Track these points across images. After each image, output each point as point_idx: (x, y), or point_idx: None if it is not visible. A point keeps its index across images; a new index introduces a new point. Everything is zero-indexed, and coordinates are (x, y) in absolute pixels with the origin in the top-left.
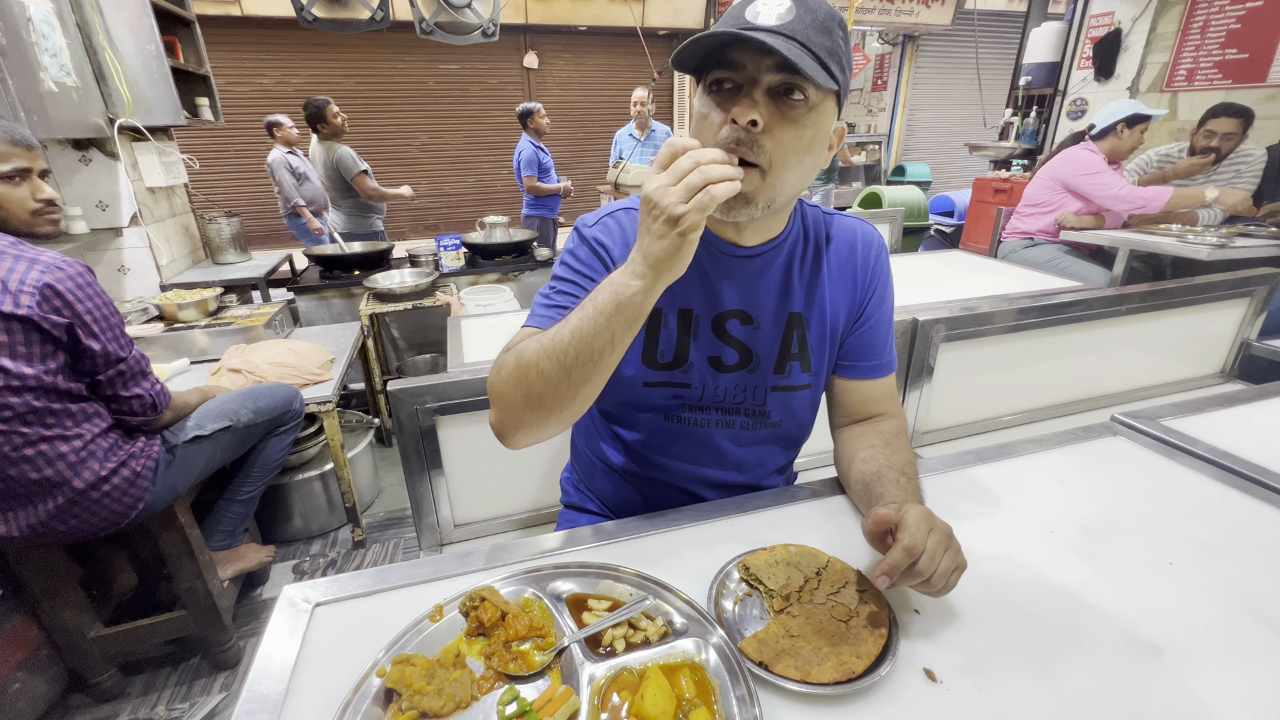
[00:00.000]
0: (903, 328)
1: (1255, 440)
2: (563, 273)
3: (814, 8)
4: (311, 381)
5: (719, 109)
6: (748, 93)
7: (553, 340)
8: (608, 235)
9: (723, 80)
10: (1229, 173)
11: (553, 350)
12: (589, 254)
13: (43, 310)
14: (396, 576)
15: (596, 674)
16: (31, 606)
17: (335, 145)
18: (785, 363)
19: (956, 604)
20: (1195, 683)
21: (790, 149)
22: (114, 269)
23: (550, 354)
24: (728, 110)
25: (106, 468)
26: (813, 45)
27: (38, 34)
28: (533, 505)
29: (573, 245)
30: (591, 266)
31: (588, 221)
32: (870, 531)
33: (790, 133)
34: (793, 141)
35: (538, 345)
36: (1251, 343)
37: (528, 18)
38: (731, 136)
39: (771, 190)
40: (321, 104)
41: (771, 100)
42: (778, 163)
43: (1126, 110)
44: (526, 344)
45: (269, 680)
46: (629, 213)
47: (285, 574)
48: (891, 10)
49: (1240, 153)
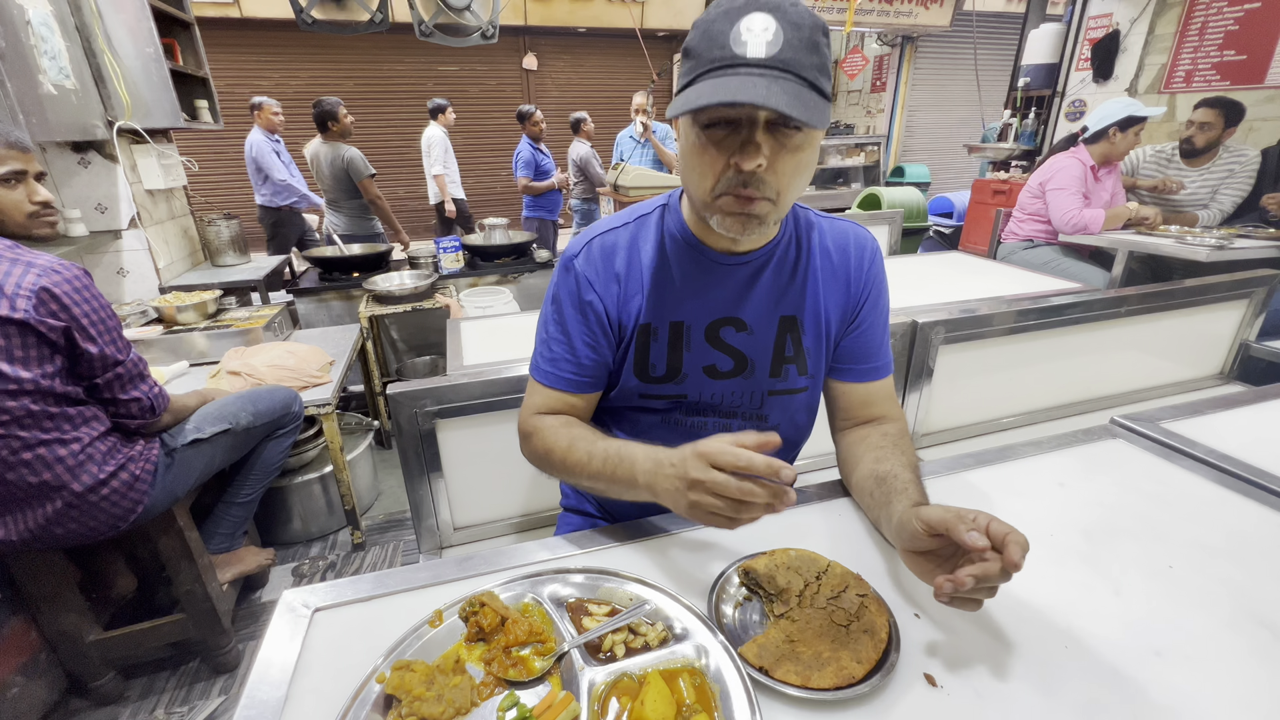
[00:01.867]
0: (902, 330)
1: (1255, 443)
2: (554, 315)
3: (799, 22)
4: (311, 384)
5: (716, 148)
6: (749, 135)
7: (569, 465)
8: (590, 267)
9: (718, 120)
10: (1222, 172)
11: (567, 471)
12: (575, 292)
13: (39, 314)
14: (396, 581)
15: (596, 679)
16: (30, 610)
17: (343, 146)
18: (781, 366)
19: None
20: (1195, 686)
21: (794, 175)
22: (113, 271)
23: (565, 472)
24: (726, 150)
25: (105, 471)
26: (805, 73)
27: (37, 37)
28: (532, 508)
29: (560, 280)
30: (580, 309)
31: (573, 251)
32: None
33: (791, 161)
34: (795, 168)
35: (561, 460)
36: (1251, 344)
37: (527, 19)
38: (736, 180)
39: (780, 211)
40: (333, 104)
41: (770, 134)
42: (784, 190)
43: (1120, 113)
44: (549, 442)
45: (268, 686)
46: (615, 232)
47: (285, 577)
48: (890, 12)
49: (1235, 152)
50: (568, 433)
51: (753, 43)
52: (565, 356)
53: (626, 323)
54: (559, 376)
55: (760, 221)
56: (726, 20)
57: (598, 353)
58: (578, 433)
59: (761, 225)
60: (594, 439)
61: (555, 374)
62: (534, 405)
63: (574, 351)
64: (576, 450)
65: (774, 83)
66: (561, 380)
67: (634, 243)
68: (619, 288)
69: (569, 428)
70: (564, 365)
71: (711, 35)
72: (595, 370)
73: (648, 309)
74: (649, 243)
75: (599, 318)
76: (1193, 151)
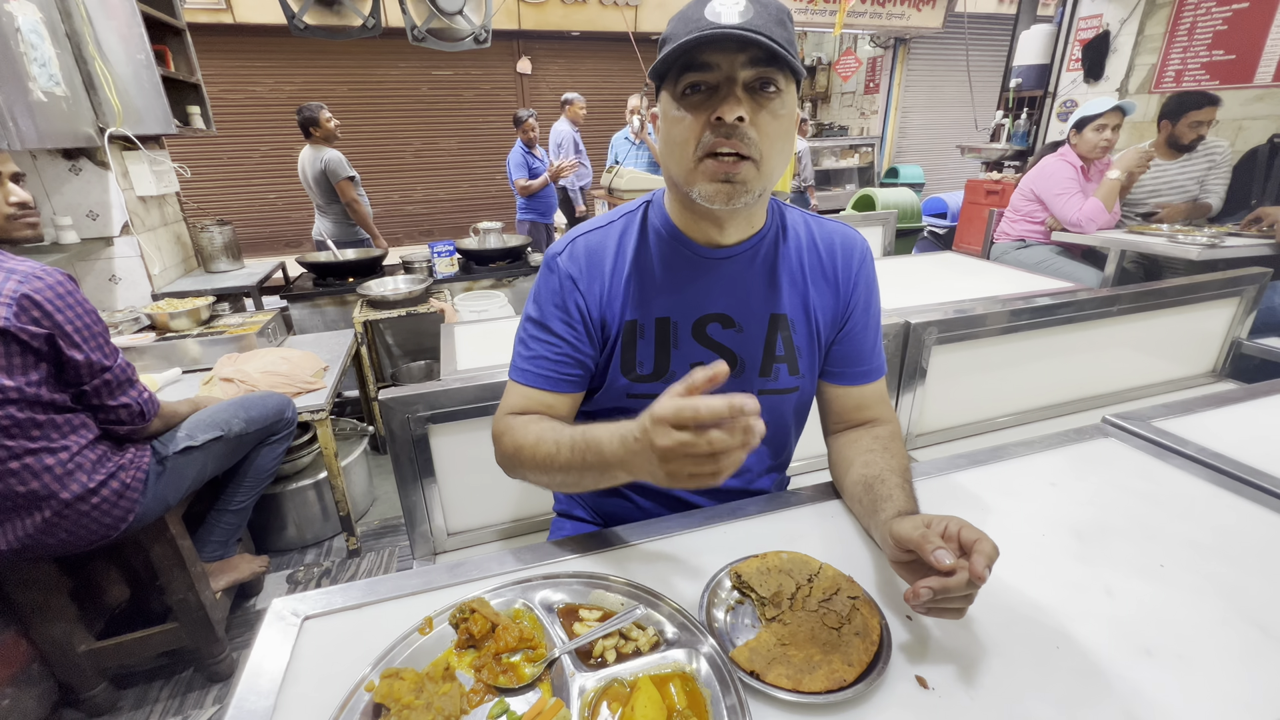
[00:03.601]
0: (895, 330)
1: (1246, 440)
2: (535, 314)
3: (766, 3)
4: (304, 390)
5: (696, 112)
6: (728, 91)
7: (539, 460)
8: (574, 265)
9: (697, 84)
10: (1205, 163)
11: (537, 468)
12: (557, 290)
13: (20, 321)
14: (386, 588)
15: (587, 685)
16: (21, 620)
17: (325, 149)
18: (771, 365)
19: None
20: (1187, 686)
21: (775, 137)
22: (105, 278)
23: (536, 469)
24: (706, 112)
25: (95, 480)
26: (777, 39)
27: (26, 44)
28: (525, 513)
29: (543, 279)
30: (562, 307)
31: (556, 250)
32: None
33: (771, 123)
34: (775, 130)
35: (530, 456)
36: (1242, 342)
37: (520, 24)
38: (719, 134)
39: (764, 178)
40: (314, 109)
41: (749, 96)
42: (766, 152)
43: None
44: (518, 439)
45: (256, 695)
46: (599, 231)
47: (279, 584)
48: (883, 14)
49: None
50: (536, 428)
51: (725, 13)
52: (543, 354)
53: (611, 321)
54: (535, 374)
55: (745, 189)
56: (699, 5)
57: (578, 351)
58: (545, 426)
59: (746, 193)
60: (560, 429)
61: (532, 371)
62: (508, 406)
63: (552, 348)
64: (545, 443)
65: (749, 34)
66: (538, 378)
67: (618, 240)
68: (603, 286)
69: (537, 423)
70: (541, 363)
71: (684, 17)
72: (574, 368)
73: (632, 306)
74: (633, 239)
75: (582, 316)
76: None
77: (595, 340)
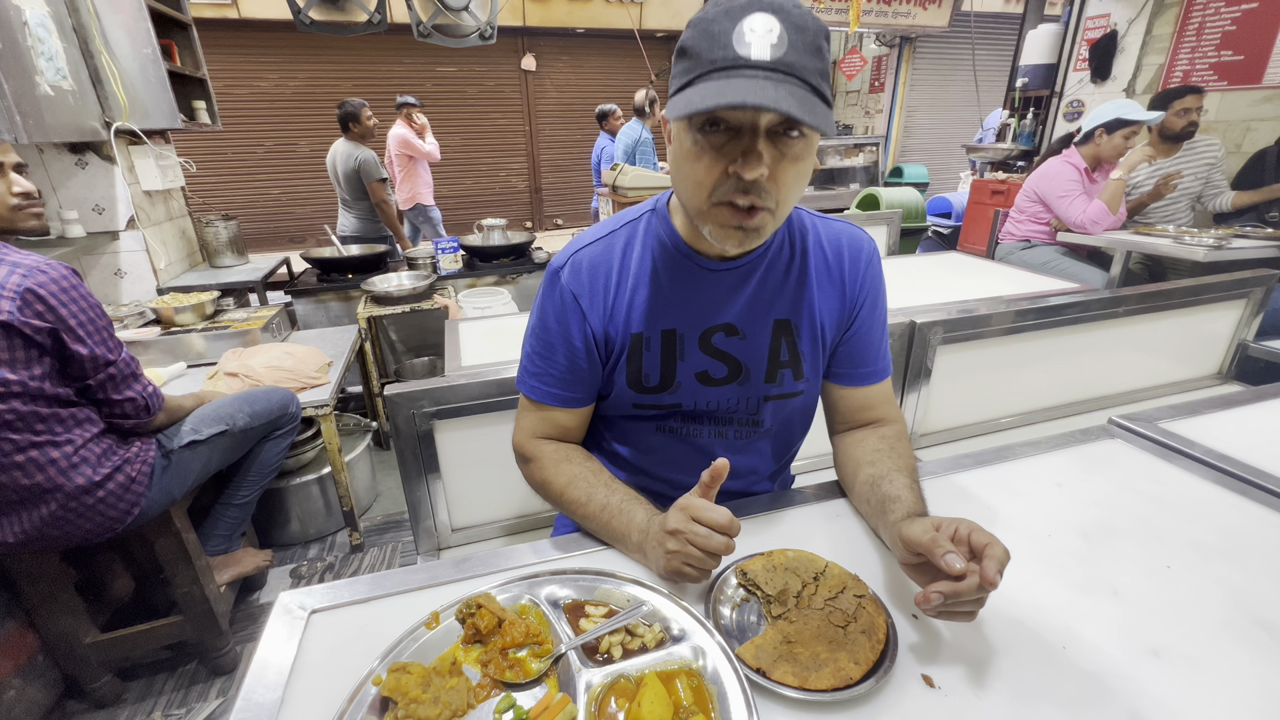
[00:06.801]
0: (900, 330)
1: (1252, 442)
2: (539, 329)
3: (802, 25)
4: (309, 385)
5: (714, 153)
6: (750, 143)
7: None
8: (576, 282)
9: (718, 121)
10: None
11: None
12: (559, 308)
13: (24, 315)
14: (393, 583)
15: (593, 681)
16: (27, 612)
17: (360, 147)
18: (776, 371)
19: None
20: (1193, 686)
21: (794, 184)
22: (110, 273)
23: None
24: (725, 157)
25: (100, 473)
26: (809, 77)
27: (34, 38)
28: (530, 509)
29: (545, 291)
30: (564, 327)
31: (558, 264)
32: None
33: (792, 170)
34: (795, 177)
35: (557, 497)
36: (1249, 344)
37: (525, 20)
38: (735, 187)
39: (779, 221)
40: (357, 106)
41: (770, 142)
42: (783, 200)
43: (1109, 114)
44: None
45: (264, 688)
46: (601, 243)
47: (283, 578)
48: (889, 12)
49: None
50: (568, 470)
51: (756, 44)
52: (549, 372)
53: (615, 335)
54: (545, 391)
55: (758, 235)
56: (728, 19)
57: (582, 373)
58: (577, 470)
59: (759, 239)
60: (594, 483)
61: (542, 389)
62: (528, 428)
63: (557, 367)
64: (575, 489)
65: (779, 86)
66: (548, 395)
67: (621, 252)
68: (606, 302)
69: (569, 464)
70: (549, 380)
71: (712, 35)
72: (580, 387)
73: (639, 319)
74: (636, 251)
75: (584, 334)
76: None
77: (598, 358)
